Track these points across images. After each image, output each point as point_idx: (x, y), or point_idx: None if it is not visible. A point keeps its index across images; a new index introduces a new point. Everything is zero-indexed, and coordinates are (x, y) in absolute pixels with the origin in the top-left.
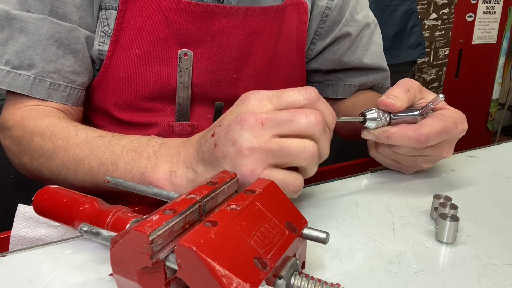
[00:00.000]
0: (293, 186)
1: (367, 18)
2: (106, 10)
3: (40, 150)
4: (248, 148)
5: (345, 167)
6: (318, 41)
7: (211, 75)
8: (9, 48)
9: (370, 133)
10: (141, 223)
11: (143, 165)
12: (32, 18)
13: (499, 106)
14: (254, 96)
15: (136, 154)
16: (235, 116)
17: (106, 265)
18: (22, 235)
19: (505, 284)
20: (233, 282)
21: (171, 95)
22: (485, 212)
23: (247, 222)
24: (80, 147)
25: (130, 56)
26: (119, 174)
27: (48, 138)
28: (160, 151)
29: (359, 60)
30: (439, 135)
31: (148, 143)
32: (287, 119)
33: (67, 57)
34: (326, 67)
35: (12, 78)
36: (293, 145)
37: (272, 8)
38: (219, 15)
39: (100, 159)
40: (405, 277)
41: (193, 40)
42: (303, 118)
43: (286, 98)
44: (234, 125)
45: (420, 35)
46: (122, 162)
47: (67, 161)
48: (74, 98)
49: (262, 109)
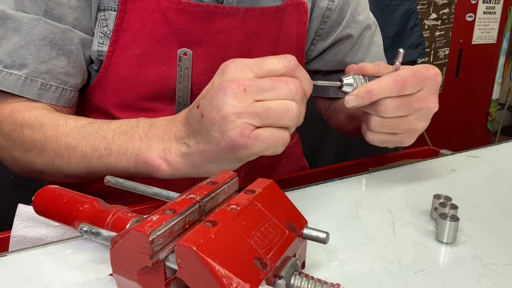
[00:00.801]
0: (282, 140)
1: (368, 20)
2: (105, 11)
3: (31, 142)
4: (233, 113)
5: (345, 167)
6: (318, 42)
7: (211, 75)
8: (2, 47)
9: (351, 96)
10: (141, 223)
11: (137, 146)
12: (26, 18)
13: (499, 106)
14: (234, 65)
15: (127, 136)
16: (217, 85)
17: (106, 265)
18: (22, 235)
19: (505, 284)
20: (233, 282)
21: (171, 95)
22: (485, 212)
23: (247, 222)
24: (70, 135)
25: (130, 56)
26: (113, 158)
27: (38, 129)
28: (150, 131)
29: (360, 62)
30: (414, 77)
31: (137, 124)
32: (269, 87)
33: (60, 58)
34: (328, 68)
35: (3, 77)
36: (277, 107)
37: (272, 8)
38: (218, 15)
39: (92, 145)
40: (405, 277)
41: (192, 40)
42: (284, 86)
43: (266, 66)
44: (217, 93)
45: (420, 35)
46: (115, 146)
47: (59, 149)
48: (66, 99)
49: (243, 76)
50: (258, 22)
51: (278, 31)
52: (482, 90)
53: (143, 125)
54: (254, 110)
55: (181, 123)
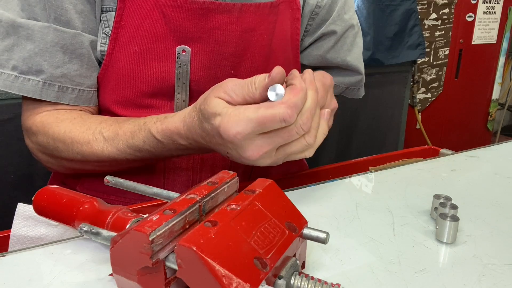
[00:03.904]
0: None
1: (353, 20)
2: (107, 12)
3: (69, 155)
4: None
5: (345, 167)
6: (305, 37)
7: (209, 71)
8: (16, 54)
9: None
10: (141, 223)
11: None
12: (37, 26)
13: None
14: (240, 138)
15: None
16: (236, 159)
17: (106, 265)
18: (22, 234)
19: (505, 284)
20: (233, 282)
21: (170, 91)
22: (485, 212)
23: (247, 222)
24: (106, 148)
25: (129, 53)
26: (156, 152)
27: (71, 144)
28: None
29: (342, 59)
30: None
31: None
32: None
33: (73, 61)
34: (309, 62)
35: (22, 83)
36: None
37: (266, 4)
38: (215, 12)
39: (130, 155)
40: (405, 277)
41: (190, 36)
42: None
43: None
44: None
45: (420, 35)
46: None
47: (103, 160)
48: (84, 99)
49: (255, 146)
50: (253, 18)
51: (273, 27)
52: (482, 90)
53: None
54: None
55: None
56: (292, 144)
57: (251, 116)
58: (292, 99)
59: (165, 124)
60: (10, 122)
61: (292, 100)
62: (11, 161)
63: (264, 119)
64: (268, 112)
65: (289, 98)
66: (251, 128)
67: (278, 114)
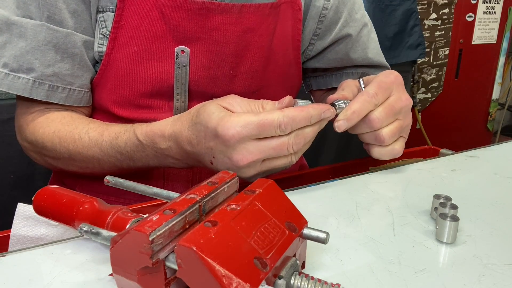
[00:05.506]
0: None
1: (364, 17)
2: (104, 13)
3: (56, 154)
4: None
5: (345, 167)
6: (316, 41)
7: (208, 71)
8: (7, 52)
9: (341, 121)
10: (141, 223)
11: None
12: (31, 24)
13: (499, 106)
14: (237, 139)
15: (140, 145)
16: (227, 158)
17: (106, 265)
18: (22, 234)
19: (505, 284)
20: (233, 282)
21: (169, 91)
22: (485, 212)
23: (247, 222)
24: (90, 148)
25: (128, 54)
26: (135, 156)
27: (58, 143)
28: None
29: (363, 58)
30: (380, 86)
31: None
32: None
33: (65, 61)
34: (329, 65)
35: (11, 81)
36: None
37: (266, 5)
38: (214, 12)
39: (112, 157)
40: (405, 277)
41: (189, 37)
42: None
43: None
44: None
45: (420, 35)
46: (133, 156)
47: (87, 160)
48: (75, 99)
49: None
50: (253, 19)
51: (274, 28)
52: (482, 90)
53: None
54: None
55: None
56: (279, 159)
57: (252, 119)
58: (292, 111)
59: (150, 126)
60: (10, 122)
61: (291, 112)
62: (11, 161)
63: (264, 122)
64: (268, 117)
65: (290, 110)
66: (250, 130)
67: (276, 119)
